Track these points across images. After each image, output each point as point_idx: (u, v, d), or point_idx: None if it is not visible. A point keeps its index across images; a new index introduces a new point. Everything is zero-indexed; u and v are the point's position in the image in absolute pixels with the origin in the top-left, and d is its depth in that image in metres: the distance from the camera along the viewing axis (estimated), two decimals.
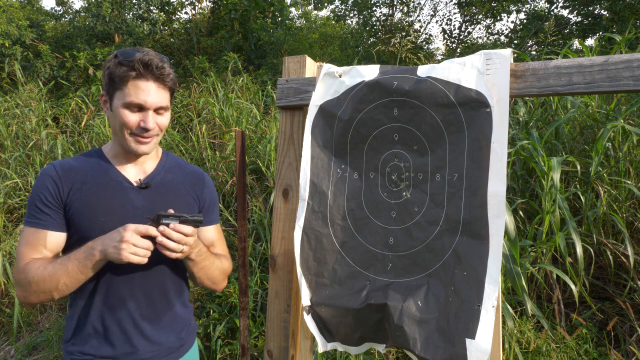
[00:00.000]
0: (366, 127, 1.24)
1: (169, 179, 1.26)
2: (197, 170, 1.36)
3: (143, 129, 1.12)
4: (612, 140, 2.71)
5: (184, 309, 1.29)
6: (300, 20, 12.59)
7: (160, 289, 1.22)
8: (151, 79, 1.11)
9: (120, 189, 1.17)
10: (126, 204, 1.16)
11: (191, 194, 1.29)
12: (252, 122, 4.38)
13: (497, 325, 1.04)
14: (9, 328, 3.17)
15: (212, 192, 1.36)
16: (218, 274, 1.28)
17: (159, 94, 1.13)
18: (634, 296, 2.38)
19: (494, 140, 1.07)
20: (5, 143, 4.62)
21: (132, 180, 1.20)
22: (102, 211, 1.13)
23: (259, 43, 8.35)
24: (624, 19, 7.12)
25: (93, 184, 1.15)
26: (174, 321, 1.25)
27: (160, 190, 1.22)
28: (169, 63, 1.18)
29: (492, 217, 1.05)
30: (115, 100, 1.12)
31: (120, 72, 1.10)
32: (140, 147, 1.15)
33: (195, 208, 1.29)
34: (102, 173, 1.17)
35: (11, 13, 8.80)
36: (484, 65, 1.11)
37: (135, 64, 1.09)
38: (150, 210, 1.17)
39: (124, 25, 8.48)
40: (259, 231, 3.07)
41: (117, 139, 1.17)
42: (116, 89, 1.12)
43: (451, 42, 10.00)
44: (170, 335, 1.24)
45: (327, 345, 1.25)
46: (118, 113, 1.12)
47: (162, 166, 1.27)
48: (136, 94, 1.10)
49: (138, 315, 1.18)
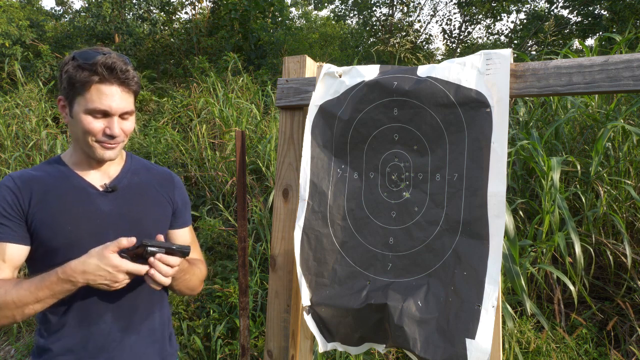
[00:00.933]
0: (366, 127, 1.24)
1: (136, 182, 1.21)
2: (165, 171, 1.32)
3: (109, 136, 1.07)
4: (612, 140, 2.71)
5: (162, 319, 1.25)
6: (300, 20, 12.59)
7: (139, 299, 1.17)
8: (115, 83, 1.05)
9: (85, 196, 1.11)
10: (93, 210, 1.10)
11: (163, 195, 1.25)
12: (252, 122, 4.38)
13: (497, 325, 1.04)
14: (9, 328, 3.17)
15: (183, 193, 1.33)
16: (196, 283, 1.26)
17: (123, 98, 1.07)
18: (634, 296, 2.38)
19: (494, 140, 1.07)
20: (5, 143, 4.62)
21: (96, 185, 1.14)
22: (67, 220, 1.07)
23: (259, 43, 8.35)
24: (623, 19, 7.13)
25: (55, 194, 1.08)
26: (153, 332, 1.21)
27: (128, 194, 1.17)
28: (132, 64, 1.13)
29: (492, 217, 1.05)
30: (76, 106, 1.05)
31: (81, 76, 1.03)
32: (107, 153, 1.09)
33: (169, 210, 1.25)
34: (64, 181, 1.11)
35: (11, 13, 8.80)
36: (484, 65, 1.11)
37: (98, 67, 1.02)
38: (118, 214, 1.13)
39: (124, 25, 8.48)
40: (259, 231, 3.07)
41: (80, 145, 1.11)
42: (77, 94, 1.05)
43: (451, 42, 10.00)
44: (150, 346, 1.20)
45: (327, 345, 1.25)
46: (80, 119, 1.05)
47: (127, 169, 1.21)
48: (100, 99, 1.03)
49: (116, 328, 1.13)
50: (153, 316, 1.21)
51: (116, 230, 1.11)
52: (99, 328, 1.11)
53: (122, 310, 1.14)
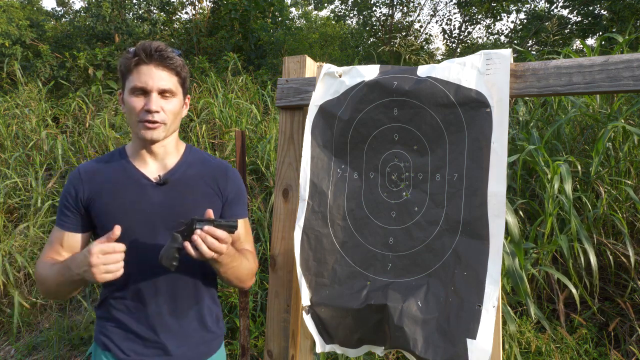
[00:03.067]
0: (366, 127, 1.23)
1: (190, 174, 1.23)
2: (222, 163, 1.32)
3: (147, 112, 1.11)
4: (613, 140, 2.70)
5: (213, 304, 1.28)
6: (300, 20, 12.59)
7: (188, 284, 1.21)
8: (152, 62, 1.11)
9: (137, 187, 1.17)
10: (143, 201, 1.16)
11: (212, 188, 1.25)
12: (252, 122, 4.38)
13: (497, 326, 1.04)
14: (9, 328, 3.17)
15: (238, 185, 1.31)
16: (246, 273, 1.23)
17: (161, 77, 1.12)
18: (634, 296, 2.38)
19: (494, 140, 1.07)
20: (5, 143, 4.62)
21: (151, 176, 1.19)
22: (120, 210, 1.14)
23: (259, 43, 8.35)
24: (623, 19, 7.12)
25: (111, 185, 1.16)
26: (201, 317, 1.24)
27: (178, 186, 1.20)
28: (178, 52, 1.18)
29: (492, 217, 1.05)
30: (125, 92, 1.14)
31: (125, 62, 1.12)
32: (148, 133, 1.13)
33: (218, 202, 1.25)
34: (121, 172, 1.18)
35: (11, 13, 8.80)
36: (484, 65, 1.11)
37: (137, 51, 1.11)
38: (168, 206, 1.16)
39: (124, 25, 8.48)
40: (258, 231, 3.07)
41: (133, 131, 1.17)
42: (125, 81, 1.14)
43: (451, 42, 9.99)
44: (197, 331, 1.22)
45: (325, 346, 1.25)
46: (127, 101, 1.13)
47: (183, 161, 1.24)
48: (138, 78, 1.10)
49: (166, 310, 1.18)
50: (201, 303, 1.24)
51: (164, 221, 1.16)
52: (150, 310, 1.17)
53: (170, 296, 1.18)
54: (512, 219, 1.97)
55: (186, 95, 1.24)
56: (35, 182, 3.83)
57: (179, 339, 1.19)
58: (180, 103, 1.20)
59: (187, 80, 1.22)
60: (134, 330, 1.17)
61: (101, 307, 1.22)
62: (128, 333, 1.17)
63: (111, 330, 1.18)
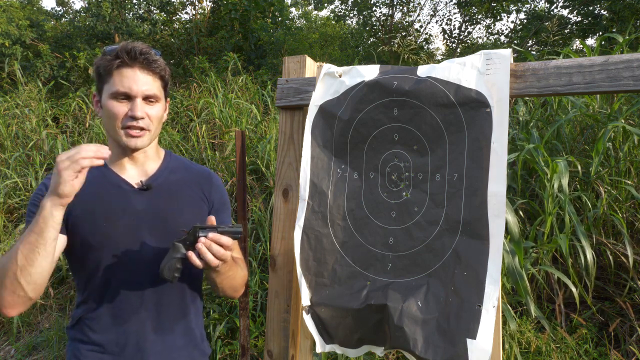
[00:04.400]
0: (366, 127, 1.23)
1: (173, 180, 1.19)
2: (204, 169, 1.29)
3: (131, 118, 1.05)
4: (613, 140, 2.70)
5: (198, 319, 1.23)
6: (300, 20, 12.59)
7: (174, 295, 1.15)
8: (136, 65, 1.05)
9: (119, 193, 1.11)
10: (127, 207, 1.10)
11: (198, 194, 1.21)
12: (252, 122, 4.38)
13: (497, 325, 1.04)
14: (9, 328, 3.17)
15: (222, 192, 1.28)
16: (240, 283, 1.21)
17: (146, 81, 1.07)
18: (634, 296, 2.38)
19: (494, 140, 1.07)
20: (5, 143, 4.62)
21: (132, 182, 1.14)
22: (102, 216, 1.08)
23: (259, 43, 8.35)
24: (623, 19, 7.12)
25: (91, 190, 1.08)
26: (188, 332, 1.18)
27: (163, 192, 1.15)
28: (160, 55, 1.12)
29: (492, 217, 1.05)
30: (103, 95, 1.07)
31: (104, 63, 1.05)
32: (132, 141, 1.07)
33: (205, 209, 1.22)
34: (100, 178, 1.11)
35: (11, 13, 8.79)
36: (484, 65, 1.11)
37: (119, 52, 1.04)
38: (153, 212, 1.12)
39: (124, 25, 8.47)
40: (258, 231, 3.07)
41: (111, 136, 1.10)
42: (104, 83, 1.07)
43: (451, 42, 9.99)
44: (183, 348, 1.16)
45: (325, 347, 1.25)
46: (106, 106, 1.06)
47: (164, 167, 1.20)
48: (121, 82, 1.04)
49: (150, 327, 1.11)
50: (189, 317, 1.18)
51: (149, 227, 1.11)
52: (132, 326, 1.09)
53: (155, 309, 1.12)
54: (512, 218, 1.97)
55: (167, 99, 1.19)
56: (35, 182, 3.83)
57: (164, 358, 1.12)
58: (163, 107, 1.15)
59: (169, 83, 1.18)
60: (111, 351, 1.08)
61: (75, 328, 1.13)
62: (104, 355, 1.08)
63: (85, 354, 1.09)
